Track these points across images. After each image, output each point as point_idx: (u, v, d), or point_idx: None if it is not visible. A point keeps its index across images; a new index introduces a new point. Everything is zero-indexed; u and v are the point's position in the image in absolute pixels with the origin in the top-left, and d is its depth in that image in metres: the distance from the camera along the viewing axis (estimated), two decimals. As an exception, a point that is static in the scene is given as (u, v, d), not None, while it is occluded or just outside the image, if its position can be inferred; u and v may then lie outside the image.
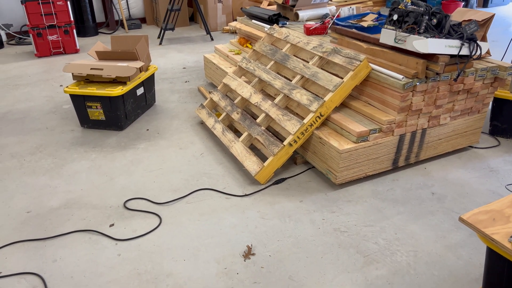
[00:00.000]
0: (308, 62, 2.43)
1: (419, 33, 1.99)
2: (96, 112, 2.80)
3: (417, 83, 2.04)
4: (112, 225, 1.94)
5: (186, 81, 3.80)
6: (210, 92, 3.35)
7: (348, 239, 1.81)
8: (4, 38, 5.32)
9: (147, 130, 2.87)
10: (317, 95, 2.21)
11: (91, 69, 2.76)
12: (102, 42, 3.11)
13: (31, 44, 4.93)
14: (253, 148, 2.50)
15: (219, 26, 5.73)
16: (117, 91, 2.68)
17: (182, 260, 1.72)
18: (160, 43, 5.04)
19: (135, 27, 5.85)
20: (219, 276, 1.63)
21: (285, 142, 2.15)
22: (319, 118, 2.15)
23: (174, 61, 4.42)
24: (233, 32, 5.54)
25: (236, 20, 3.79)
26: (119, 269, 1.68)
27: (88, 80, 2.83)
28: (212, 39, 5.23)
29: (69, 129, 2.90)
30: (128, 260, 1.73)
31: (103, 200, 2.12)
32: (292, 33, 2.70)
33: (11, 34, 5.39)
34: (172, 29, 4.99)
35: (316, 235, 1.84)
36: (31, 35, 4.51)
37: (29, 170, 2.39)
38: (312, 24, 2.90)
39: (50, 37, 4.56)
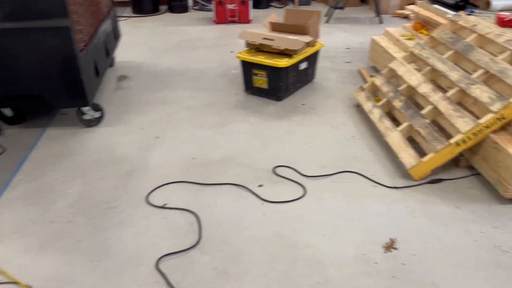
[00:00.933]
0: (496, 56, 2.14)
1: None
2: (260, 80, 2.96)
3: None
4: (261, 185, 2.07)
5: (347, 62, 3.74)
6: (371, 76, 3.24)
7: (510, 261, 1.59)
8: (190, 3, 5.97)
9: (303, 104, 2.94)
10: (501, 95, 1.94)
11: (263, 38, 2.92)
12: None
13: (211, 11, 5.44)
14: (410, 141, 2.36)
15: (390, 9, 5.45)
16: (283, 62, 2.78)
17: (321, 234, 1.74)
18: (327, 21, 5.03)
19: (305, 3, 5.94)
20: (356, 260, 1.61)
21: (452, 140, 1.97)
22: (499, 120, 1.90)
23: (338, 40, 4.38)
24: (405, 17, 5.21)
25: (414, 3, 3.54)
26: (262, 227, 1.79)
27: (258, 49, 3.00)
28: (380, 22, 5.01)
29: (234, 92, 3.15)
30: (271, 221, 1.83)
31: (255, 161, 2.26)
32: (482, 23, 2.40)
33: (196, 1, 6.02)
34: (342, 8, 4.93)
35: (471, 247, 1.66)
36: (213, 2, 4.96)
37: (198, 123, 2.69)
38: (508, 14, 2.53)
39: (229, 6, 4.95)
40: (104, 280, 1.54)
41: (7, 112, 2.60)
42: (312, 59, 3.14)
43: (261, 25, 4.92)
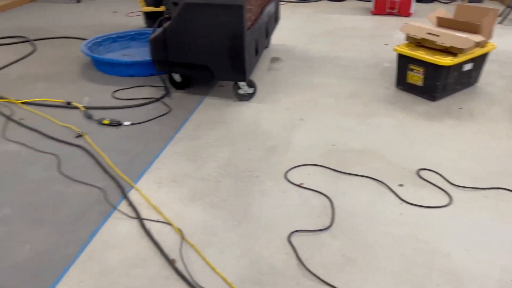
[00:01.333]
0: None
1: None
2: (416, 77, 2.80)
3: None
4: (402, 185, 1.99)
5: (520, 69, 3.29)
6: (550, 88, 2.80)
7: None
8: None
9: (460, 108, 2.70)
10: None
11: (427, 33, 2.75)
12: (435, 10, 3.01)
13: (370, 1, 5.29)
14: None
15: None
16: (446, 61, 2.58)
17: (463, 248, 1.62)
18: (501, 22, 4.48)
19: (476, 0, 5.37)
20: (501, 284, 1.46)
21: None
22: None
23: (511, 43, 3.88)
24: None
25: None
26: (397, 226, 1.74)
27: (419, 43, 2.84)
28: None
29: (383, 85, 3.05)
30: (408, 223, 1.75)
31: (398, 159, 2.18)
32: None
33: (355, -10, 5.91)
34: (523, 7, 4.32)
35: None
36: (374, -7, 4.81)
37: (342, 111, 2.69)
38: None
39: (390, -3, 4.75)
40: (241, 240, 1.68)
41: (177, 77, 2.96)
42: (479, 60, 2.85)
43: (421, 19, 4.62)
